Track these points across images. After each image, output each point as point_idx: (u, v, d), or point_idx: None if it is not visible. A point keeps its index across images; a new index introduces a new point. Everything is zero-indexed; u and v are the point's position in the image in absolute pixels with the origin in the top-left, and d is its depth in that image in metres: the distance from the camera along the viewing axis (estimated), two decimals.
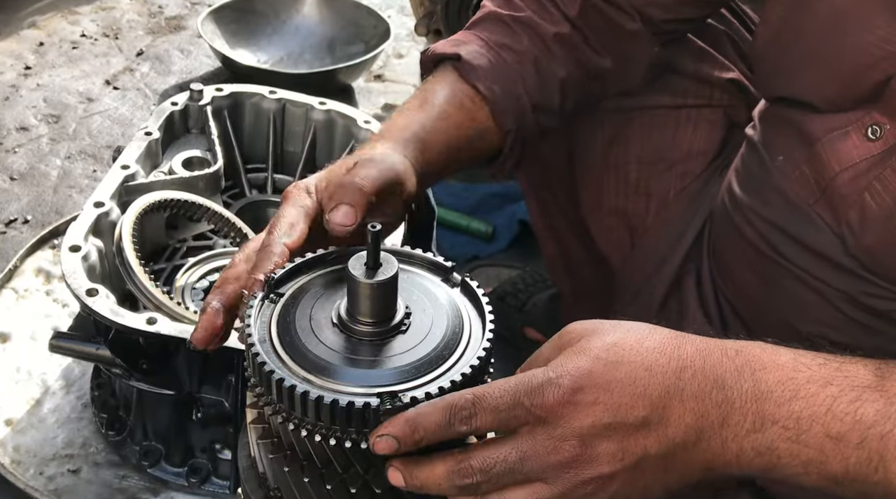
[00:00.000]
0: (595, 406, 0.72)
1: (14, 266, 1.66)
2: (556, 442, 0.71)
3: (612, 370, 0.73)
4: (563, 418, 0.71)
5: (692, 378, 0.74)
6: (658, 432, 0.73)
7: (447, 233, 1.98)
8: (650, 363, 0.74)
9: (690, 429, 0.73)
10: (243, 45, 2.59)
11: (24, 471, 1.33)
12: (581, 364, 0.73)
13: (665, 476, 0.74)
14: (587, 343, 0.75)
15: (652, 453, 0.73)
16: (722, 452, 0.74)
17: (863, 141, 1.00)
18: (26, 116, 2.30)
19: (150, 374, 1.23)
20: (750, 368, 0.74)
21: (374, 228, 0.70)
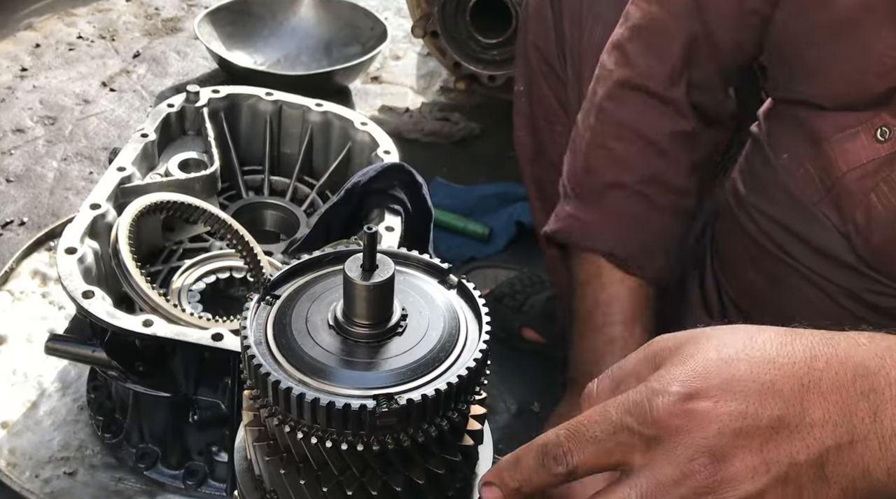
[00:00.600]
0: (717, 411, 0.58)
1: (10, 268, 1.66)
2: (680, 466, 0.58)
3: (728, 368, 0.60)
4: (680, 431, 0.58)
5: (827, 367, 0.61)
6: (802, 433, 0.59)
7: (444, 234, 1.98)
8: (772, 356, 0.61)
9: (839, 426, 0.59)
10: (240, 46, 2.59)
11: (20, 474, 1.33)
12: (688, 368, 0.61)
13: (826, 492, 0.60)
14: (689, 350, 0.63)
15: (801, 459, 0.59)
16: (881, 454, 0.59)
17: (871, 142, 1.01)
18: (22, 118, 2.29)
19: (147, 376, 1.23)
20: (892, 352, 0.62)
21: (370, 230, 0.69)
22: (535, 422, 1.59)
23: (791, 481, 0.59)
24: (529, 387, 1.65)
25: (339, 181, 1.63)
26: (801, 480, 0.59)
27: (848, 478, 0.60)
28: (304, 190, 1.65)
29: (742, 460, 0.58)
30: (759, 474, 0.58)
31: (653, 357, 0.65)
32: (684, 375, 0.60)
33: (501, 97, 2.42)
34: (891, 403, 0.60)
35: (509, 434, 1.55)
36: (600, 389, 0.67)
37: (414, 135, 2.36)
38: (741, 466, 0.58)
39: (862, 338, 0.63)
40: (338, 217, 1.39)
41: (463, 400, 0.71)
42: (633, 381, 0.64)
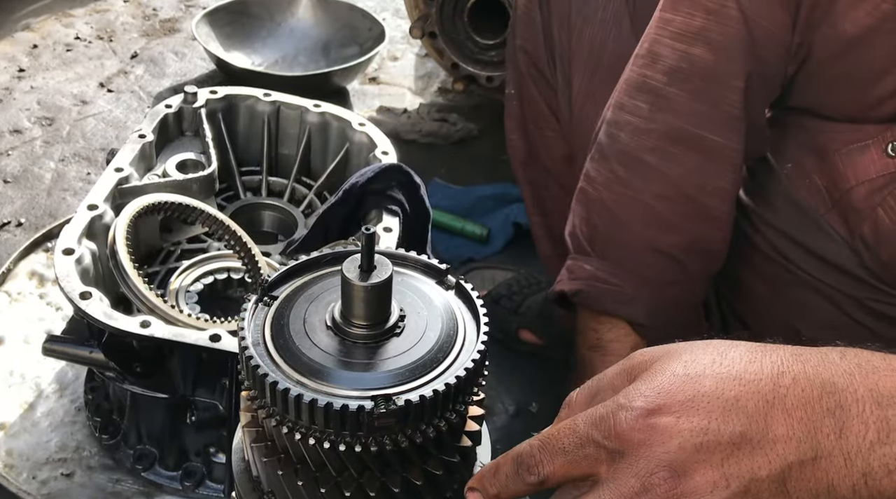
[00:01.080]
0: (679, 426, 0.59)
1: (7, 269, 1.66)
2: (642, 479, 0.59)
3: (693, 384, 0.61)
4: (642, 445, 0.60)
5: (793, 383, 0.61)
6: (764, 449, 0.60)
7: (442, 235, 1.98)
8: (739, 372, 0.62)
9: (803, 443, 0.60)
10: (238, 47, 2.59)
11: (17, 475, 1.32)
12: (655, 384, 0.62)
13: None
14: (660, 365, 0.64)
15: (762, 475, 0.59)
16: (847, 471, 0.59)
17: (882, 157, 1.00)
18: (20, 119, 2.29)
19: (144, 377, 1.23)
20: (861, 370, 0.62)
21: (367, 231, 0.69)
22: (532, 423, 1.59)
23: (751, 496, 0.59)
24: (527, 388, 1.65)
25: (337, 182, 1.62)
26: (761, 495, 0.59)
27: (811, 494, 0.60)
28: (302, 191, 1.65)
29: (702, 475, 0.59)
30: (720, 488, 0.59)
31: (629, 370, 0.66)
32: (649, 390, 0.61)
33: (499, 98, 2.41)
34: (857, 419, 0.60)
35: (507, 435, 1.55)
36: (578, 398, 0.68)
37: (412, 136, 2.36)
38: (701, 480, 0.59)
39: (833, 354, 0.63)
40: (336, 218, 1.39)
41: (461, 401, 0.71)
42: (609, 392, 0.65)
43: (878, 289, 1.06)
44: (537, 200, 1.57)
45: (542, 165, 1.55)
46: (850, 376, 0.61)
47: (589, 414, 0.62)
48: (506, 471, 0.64)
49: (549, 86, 1.48)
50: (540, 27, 1.43)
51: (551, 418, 1.58)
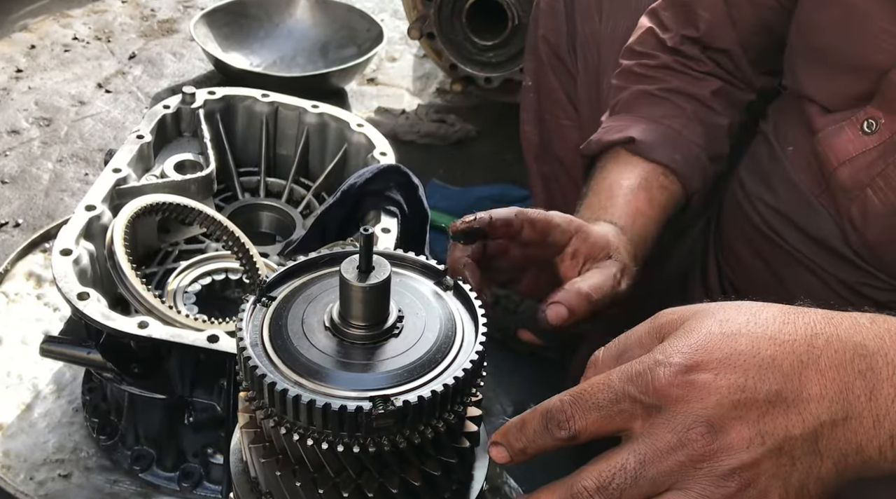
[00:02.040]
0: (717, 383, 0.60)
1: (5, 270, 1.65)
2: (678, 434, 0.60)
3: (730, 342, 0.62)
4: (680, 401, 0.61)
5: (826, 345, 0.63)
6: (798, 408, 0.61)
7: (440, 236, 1.98)
8: (774, 333, 0.63)
9: (835, 403, 0.61)
10: (236, 48, 2.59)
11: (15, 476, 1.32)
12: (691, 341, 0.63)
13: (818, 465, 0.62)
14: (693, 323, 0.65)
15: (796, 433, 0.61)
16: (875, 432, 0.61)
17: (858, 135, 1.02)
18: (17, 119, 2.29)
19: (142, 378, 1.22)
20: (891, 334, 0.64)
21: (366, 232, 0.69)
22: None
23: (785, 453, 0.61)
24: (525, 388, 1.65)
25: (335, 183, 1.62)
26: (794, 452, 0.61)
27: (840, 453, 0.62)
28: (301, 191, 1.65)
29: (738, 432, 0.60)
30: (755, 445, 0.60)
31: (658, 329, 0.67)
32: (687, 347, 0.62)
33: (497, 99, 2.42)
34: (887, 383, 0.61)
35: None
36: (605, 356, 0.69)
37: (410, 137, 2.37)
38: (737, 437, 0.60)
39: (864, 319, 0.65)
40: (334, 219, 1.39)
41: (459, 402, 0.71)
42: (637, 351, 0.66)
43: (867, 272, 1.07)
44: (548, 194, 1.58)
45: (554, 155, 1.57)
46: (880, 340, 0.63)
47: (624, 370, 0.63)
48: (533, 426, 0.64)
49: (569, 75, 1.51)
50: (563, 17, 1.46)
51: None
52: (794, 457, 0.61)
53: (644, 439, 0.61)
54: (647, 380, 0.61)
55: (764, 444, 0.60)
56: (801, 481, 0.62)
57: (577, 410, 0.63)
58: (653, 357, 0.63)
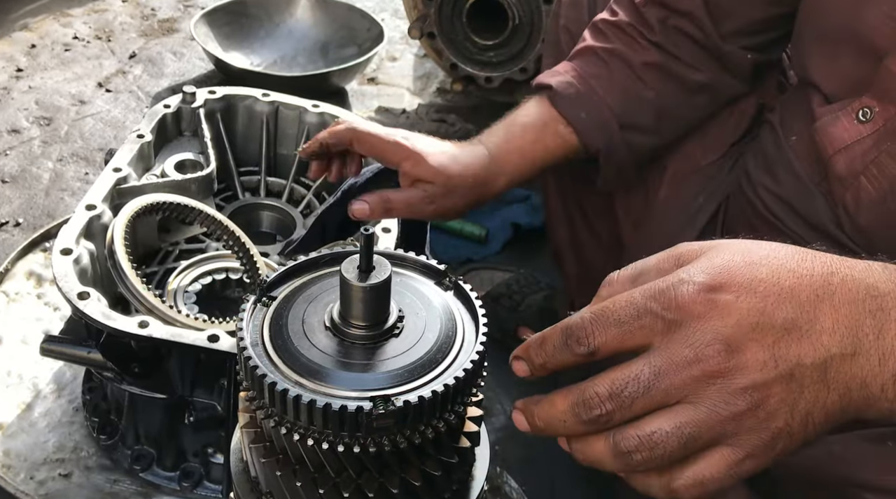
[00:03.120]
0: (738, 305, 0.62)
1: (5, 269, 1.65)
2: (696, 349, 0.62)
3: (752, 270, 0.64)
4: (701, 318, 0.63)
5: (842, 283, 0.65)
6: (811, 338, 0.64)
7: (441, 236, 1.98)
8: (793, 266, 0.66)
9: (845, 338, 0.64)
10: (236, 47, 2.59)
11: (15, 475, 1.32)
12: (715, 264, 0.65)
13: (825, 395, 0.64)
14: (715, 253, 0.67)
15: (807, 362, 0.63)
16: (879, 370, 0.64)
17: (853, 124, 1.04)
18: (18, 119, 2.29)
19: (142, 377, 1.22)
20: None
21: (366, 232, 0.69)
22: None
23: (795, 380, 0.63)
24: (525, 388, 1.65)
25: (335, 183, 1.62)
26: (804, 380, 0.63)
27: (846, 386, 0.64)
28: (301, 191, 1.65)
29: (753, 353, 0.62)
30: (768, 368, 0.62)
31: (677, 258, 0.68)
32: (711, 269, 0.64)
33: (498, 99, 2.42)
34: (895, 323, 0.64)
35: (506, 436, 1.55)
36: (621, 277, 0.71)
37: None
38: (752, 358, 0.62)
39: (876, 265, 0.68)
40: (334, 218, 1.39)
41: (460, 402, 0.71)
42: (653, 274, 0.68)
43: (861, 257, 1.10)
44: (559, 186, 1.59)
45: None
46: (892, 284, 0.66)
47: (647, 287, 0.65)
48: (553, 342, 0.66)
49: None
50: (585, 8, 1.48)
51: None
52: (803, 385, 0.63)
53: (661, 352, 0.63)
54: (671, 296, 0.63)
55: (777, 368, 0.63)
56: (807, 408, 0.64)
57: (597, 326, 0.64)
58: (677, 276, 0.65)
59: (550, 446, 1.57)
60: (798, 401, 0.64)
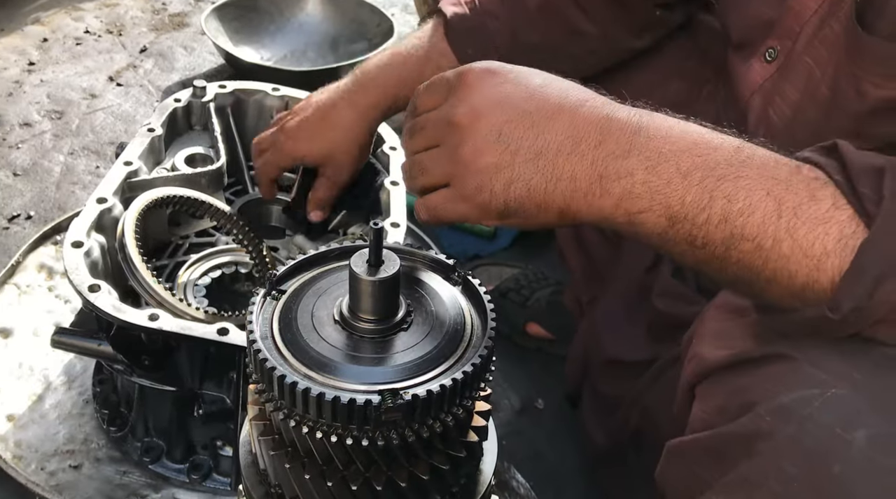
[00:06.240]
0: (497, 88, 0.81)
1: (17, 262, 1.66)
2: (453, 106, 0.82)
3: (530, 74, 0.83)
4: (470, 87, 0.82)
5: (590, 107, 0.79)
6: (538, 129, 0.79)
7: (448, 231, 1.98)
8: (564, 86, 0.82)
9: (569, 140, 0.78)
10: (246, 42, 2.60)
11: (26, 466, 1.33)
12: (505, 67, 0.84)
13: (531, 174, 0.79)
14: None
15: (525, 144, 0.79)
16: (591, 169, 0.78)
17: (762, 65, 1.09)
18: (29, 112, 2.30)
19: (152, 370, 1.23)
20: (643, 115, 0.79)
21: (376, 226, 0.70)
22: (538, 418, 1.60)
23: (509, 152, 0.79)
24: (532, 383, 1.65)
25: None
26: (517, 155, 0.79)
27: (554, 176, 0.79)
28: None
29: (489, 120, 0.80)
30: (493, 133, 0.80)
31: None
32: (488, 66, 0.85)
33: None
34: (615, 139, 0.77)
35: (513, 431, 1.55)
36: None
37: None
38: (486, 123, 0.80)
39: (636, 111, 0.80)
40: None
41: (468, 396, 0.71)
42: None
43: None
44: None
45: None
46: (637, 117, 0.78)
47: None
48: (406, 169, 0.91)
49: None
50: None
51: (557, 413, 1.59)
52: (515, 159, 0.79)
53: (441, 109, 0.84)
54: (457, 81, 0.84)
55: (499, 136, 0.79)
56: (510, 176, 0.79)
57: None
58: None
59: (558, 441, 1.58)
60: (504, 169, 0.79)
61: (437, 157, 0.84)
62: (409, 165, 0.88)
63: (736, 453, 0.71)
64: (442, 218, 0.86)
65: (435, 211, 0.86)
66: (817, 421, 0.66)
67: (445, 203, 0.84)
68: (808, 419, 0.66)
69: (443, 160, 0.83)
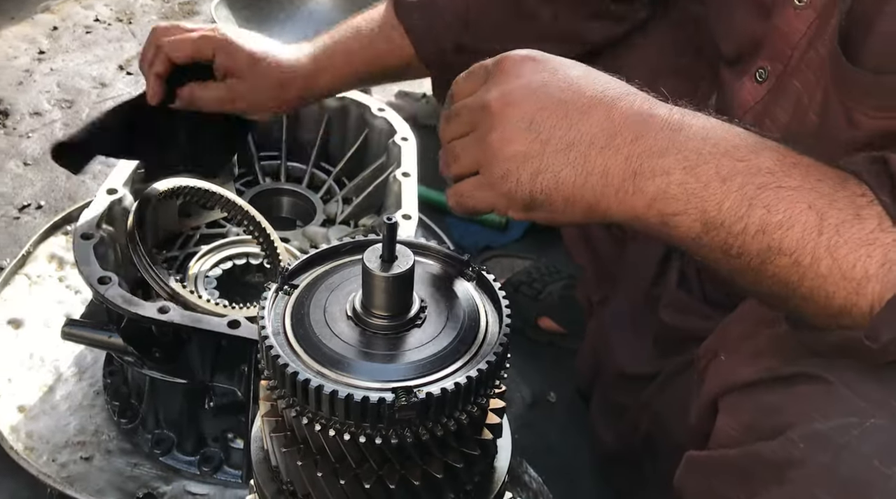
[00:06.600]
0: (535, 76, 0.79)
1: (27, 252, 1.66)
2: (488, 93, 0.80)
3: (568, 65, 0.80)
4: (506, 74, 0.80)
5: (628, 101, 0.77)
6: (572, 120, 0.77)
7: (459, 222, 1.96)
8: (602, 78, 0.79)
9: (603, 134, 0.76)
10: (256, 30, 2.56)
11: (38, 457, 1.33)
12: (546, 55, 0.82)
13: (560, 167, 0.77)
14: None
15: (558, 134, 0.77)
16: (625, 165, 0.75)
17: (753, 85, 1.06)
18: (40, 101, 2.29)
19: (163, 362, 1.22)
20: (684, 114, 0.77)
21: (389, 221, 0.68)
22: (550, 412, 1.59)
23: (540, 141, 0.77)
24: (545, 377, 1.64)
25: (355, 168, 1.61)
26: (548, 146, 0.76)
27: (585, 169, 0.76)
28: (321, 176, 1.64)
29: (521, 108, 0.78)
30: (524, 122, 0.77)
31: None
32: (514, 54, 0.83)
33: None
34: (652, 136, 0.74)
35: (525, 425, 1.54)
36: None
37: (431, 121, 2.35)
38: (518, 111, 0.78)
39: (675, 109, 0.78)
40: (127, 118, 1.34)
41: (482, 394, 0.70)
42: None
43: None
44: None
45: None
46: (678, 114, 0.76)
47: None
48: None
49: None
50: None
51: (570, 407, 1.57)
52: (545, 149, 0.77)
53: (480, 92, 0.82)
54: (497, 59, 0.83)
55: (530, 125, 0.77)
56: (538, 167, 0.77)
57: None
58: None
59: (570, 435, 1.56)
60: (533, 158, 0.77)
61: (468, 144, 0.82)
62: (443, 153, 0.86)
63: (765, 476, 0.68)
64: (468, 206, 0.84)
65: (462, 198, 0.84)
66: (855, 451, 0.63)
67: (473, 190, 0.82)
68: (845, 449, 0.64)
69: (473, 147, 0.81)
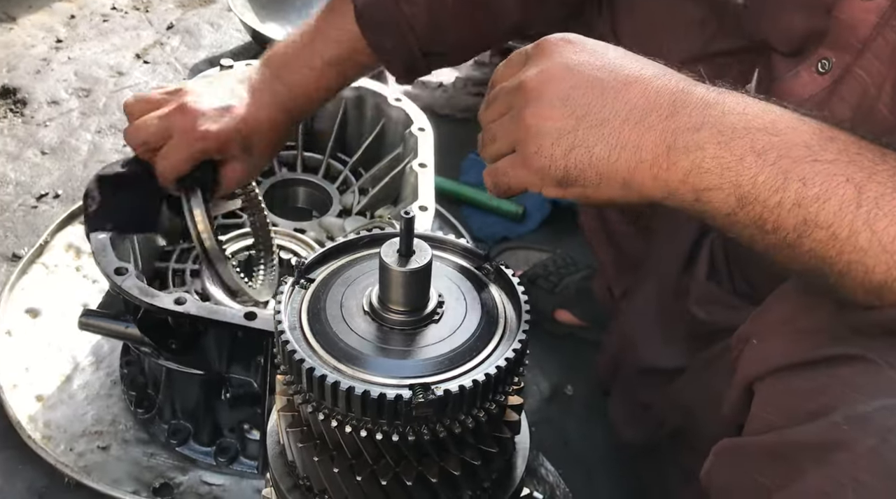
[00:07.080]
0: (570, 56, 0.80)
1: (45, 241, 1.67)
2: (528, 72, 0.81)
3: (603, 47, 0.81)
4: (546, 52, 0.82)
5: (665, 79, 0.77)
6: (607, 96, 0.77)
7: (476, 212, 1.95)
8: (638, 58, 0.80)
9: (638, 110, 0.76)
10: (273, 18, 2.57)
11: (55, 447, 1.34)
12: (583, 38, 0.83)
13: (594, 142, 0.77)
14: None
15: (593, 110, 0.77)
16: (659, 140, 0.75)
17: (813, 76, 1.03)
18: (57, 90, 2.30)
19: (180, 353, 1.22)
20: (721, 92, 0.76)
21: (407, 215, 0.67)
22: (567, 405, 1.58)
23: (574, 117, 0.77)
24: (562, 370, 1.63)
25: (372, 158, 1.60)
26: (581, 122, 0.77)
27: (619, 144, 0.76)
28: (337, 167, 1.63)
29: (556, 85, 0.78)
30: (559, 99, 0.78)
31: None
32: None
33: None
34: (687, 112, 0.74)
35: (542, 419, 1.53)
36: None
37: (447, 110, 2.33)
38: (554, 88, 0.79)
39: (713, 89, 0.77)
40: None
41: (501, 391, 0.69)
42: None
43: None
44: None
45: None
46: (707, 89, 0.76)
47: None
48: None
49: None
50: None
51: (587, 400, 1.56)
52: (578, 125, 0.77)
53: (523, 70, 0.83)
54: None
55: (565, 102, 0.78)
56: (572, 142, 0.77)
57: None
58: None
59: (588, 428, 1.55)
60: (567, 134, 0.77)
61: (505, 122, 0.82)
62: (482, 135, 0.87)
63: (804, 461, 0.66)
64: (502, 185, 0.84)
65: (497, 177, 0.84)
66: None
67: (507, 169, 0.83)
68: (892, 432, 0.62)
69: (509, 125, 0.82)
